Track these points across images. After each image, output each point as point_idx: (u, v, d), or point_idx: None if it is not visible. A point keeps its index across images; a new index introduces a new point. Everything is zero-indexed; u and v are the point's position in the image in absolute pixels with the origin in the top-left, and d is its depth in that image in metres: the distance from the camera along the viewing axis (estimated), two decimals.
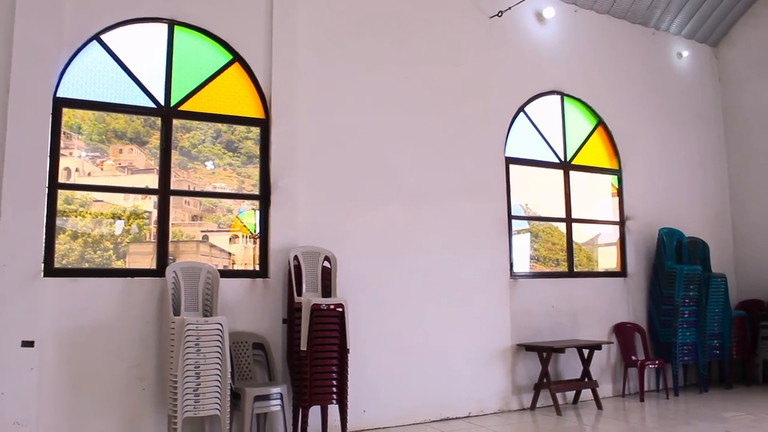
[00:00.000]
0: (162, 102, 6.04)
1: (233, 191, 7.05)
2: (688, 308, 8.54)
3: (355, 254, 6.67)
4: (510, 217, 7.93)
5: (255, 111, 6.47)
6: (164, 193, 5.90)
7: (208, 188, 7.09)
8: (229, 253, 7.56)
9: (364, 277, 6.71)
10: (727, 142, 10.44)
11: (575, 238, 9.44)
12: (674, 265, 8.65)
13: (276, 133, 6.42)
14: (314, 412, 5.93)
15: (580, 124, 8.89)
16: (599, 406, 7.60)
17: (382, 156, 7.05)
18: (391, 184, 7.06)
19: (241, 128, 6.69)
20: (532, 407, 7.58)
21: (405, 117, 7.27)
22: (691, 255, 9.13)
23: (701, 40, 10.40)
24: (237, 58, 6.41)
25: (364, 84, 7.05)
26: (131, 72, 5.94)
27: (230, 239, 7.55)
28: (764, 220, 9.86)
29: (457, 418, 7.05)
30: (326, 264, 6.30)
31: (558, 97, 8.66)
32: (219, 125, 6.68)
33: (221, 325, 5.20)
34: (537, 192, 8.92)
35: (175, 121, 6.15)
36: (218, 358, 5.16)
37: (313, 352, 5.67)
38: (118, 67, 5.90)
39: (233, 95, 6.41)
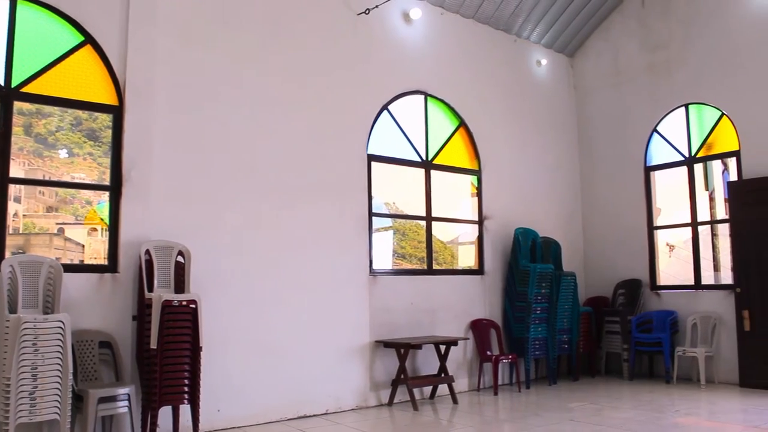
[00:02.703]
0: (1, 82, 5.62)
1: (92, 182, 6.65)
2: (540, 305, 8.93)
3: (214, 250, 6.52)
4: (371, 215, 7.98)
5: (108, 97, 6.15)
6: (1, 181, 5.48)
7: (66, 178, 6.66)
8: (83, 246, 7.18)
9: (223, 274, 6.57)
10: (580, 148, 11.03)
11: (441, 236, 9.65)
12: (528, 263, 9.01)
13: (130, 121, 6.15)
14: (165, 413, 5.74)
15: (442, 124, 9.09)
16: (455, 401, 7.80)
17: (245, 150, 6.91)
18: (254, 179, 6.94)
19: (104, 116, 6.31)
20: (390, 403, 7.68)
21: (270, 111, 7.16)
22: (545, 254, 9.55)
23: (559, 50, 10.90)
24: (89, 39, 6.07)
25: (229, 75, 6.88)
26: None
27: (88, 232, 7.17)
28: (610, 222, 10.49)
29: (314, 416, 7.04)
30: (180, 259, 6.09)
31: (422, 97, 8.82)
32: (79, 112, 6.29)
33: (63, 323, 4.90)
34: (403, 190, 9.05)
35: (28, 106, 5.75)
36: (59, 358, 4.86)
37: (163, 350, 5.48)
38: None
39: (84, 79, 6.06)
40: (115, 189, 6.08)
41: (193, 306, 5.64)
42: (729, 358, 8.80)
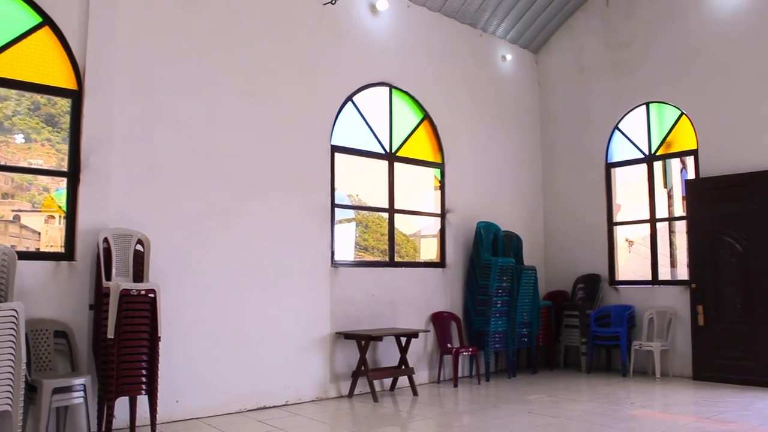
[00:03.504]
0: None
1: (50, 168, 6.48)
2: (501, 298, 9.00)
3: (175, 239, 6.46)
4: (333, 206, 7.97)
5: (66, 81, 6.03)
6: None
7: (23, 164, 6.49)
8: (40, 234, 7.03)
9: (184, 263, 6.50)
10: (543, 143, 11.13)
11: (404, 229, 9.67)
12: (490, 257, 9.08)
13: (89, 106, 6.04)
14: (122, 404, 5.68)
15: (407, 116, 9.09)
16: (415, 393, 7.83)
17: (207, 139, 6.83)
18: (216, 168, 6.87)
19: (63, 102, 6.18)
20: (350, 395, 7.69)
21: (233, 100, 7.09)
22: (506, 248, 9.63)
23: (524, 45, 10.98)
24: (47, 21, 5.93)
25: (192, 63, 6.80)
26: None
27: (45, 220, 7.02)
28: (571, 217, 10.62)
29: (274, 407, 7.01)
30: (139, 247, 6.02)
31: (387, 89, 8.81)
32: (38, 97, 6.15)
33: (16, 311, 4.77)
34: (367, 183, 9.04)
35: None
36: (11, 348, 4.71)
37: (121, 340, 5.40)
38: None
39: (42, 62, 5.92)
40: (73, 175, 5.97)
41: (152, 295, 5.56)
42: (683, 352, 8.99)
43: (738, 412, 6.71)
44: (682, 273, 9.91)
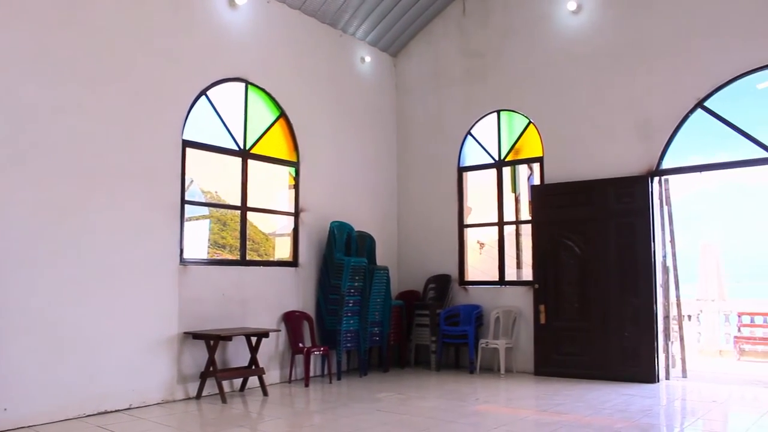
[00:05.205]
0: None
1: None
2: (353, 298, 9.05)
3: (4, 232, 5.96)
4: (183, 202, 7.68)
5: None
6: None
7: None
8: None
9: (13, 259, 6.02)
10: (398, 146, 11.31)
11: (263, 228, 9.51)
12: (343, 257, 9.10)
13: None
14: None
15: (262, 113, 8.94)
16: (265, 393, 7.72)
17: (46, 126, 6.35)
18: (54, 157, 6.40)
19: None
20: (198, 396, 7.45)
21: (78, 88, 6.67)
22: (359, 248, 9.69)
23: (383, 48, 11.11)
24: None
25: (34, 47, 6.31)
26: None
27: None
28: (424, 219, 10.86)
29: (116, 411, 6.67)
30: None
31: (243, 85, 8.62)
32: None
33: None
34: (225, 180, 8.81)
35: None
36: None
37: None
38: None
39: None
40: None
41: None
42: (526, 349, 9.42)
43: (572, 403, 7.10)
44: (527, 274, 10.35)
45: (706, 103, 8.40)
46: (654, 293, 8.51)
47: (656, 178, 8.77)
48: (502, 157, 10.21)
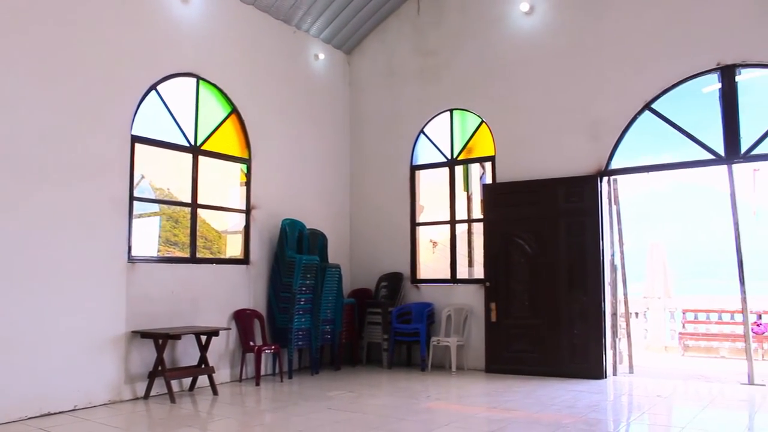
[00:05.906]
0: None
1: None
2: (305, 296, 9.00)
3: None
4: (132, 199, 7.53)
5: None
6: None
7: None
8: None
9: None
10: (352, 144, 11.30)
11: (216, 225, 9.38)
12: (294, 254, 9.04)
13: None
14: None
15: (214, 109, 8.83)
16: (215, 392, 7.63)
17: None
18: None
19: None
20: (146, 396, 7.33)
21: (22, 79, 6.47)
22: (311, 246, 9.64)
23: (337, 46, 11.08)
24: None
25: None
26: None
27: None
28: (377, 217, 10.86)
29: (60, 413, 6.50)
30: None
31: (194, 80, 8.49)
32: None
33: None
34: (178, 176, 8.66)
35: None
36: None
37: None
38: None
39: None
40: None
41: None
42: (477, 347, 9.50)
43: (522, 400, 7.18)
44: (479, 272, 10.42)
45: (654, 105, 8.59)
46: (602, 291, 8.66)
47: (605, 178, 8.93)
48: (454, 156, 10.28)
